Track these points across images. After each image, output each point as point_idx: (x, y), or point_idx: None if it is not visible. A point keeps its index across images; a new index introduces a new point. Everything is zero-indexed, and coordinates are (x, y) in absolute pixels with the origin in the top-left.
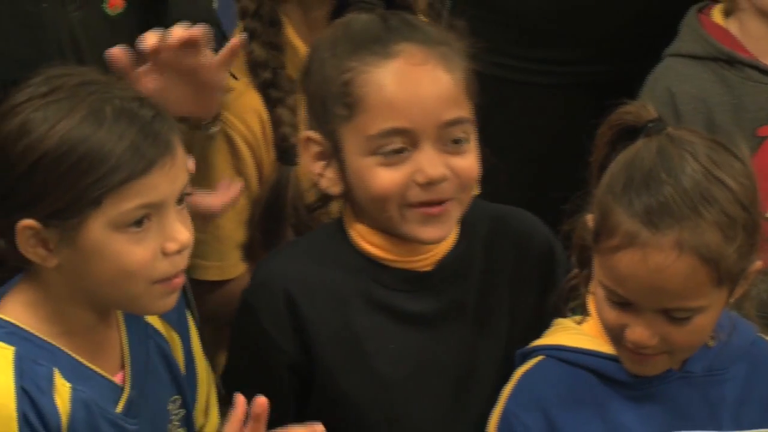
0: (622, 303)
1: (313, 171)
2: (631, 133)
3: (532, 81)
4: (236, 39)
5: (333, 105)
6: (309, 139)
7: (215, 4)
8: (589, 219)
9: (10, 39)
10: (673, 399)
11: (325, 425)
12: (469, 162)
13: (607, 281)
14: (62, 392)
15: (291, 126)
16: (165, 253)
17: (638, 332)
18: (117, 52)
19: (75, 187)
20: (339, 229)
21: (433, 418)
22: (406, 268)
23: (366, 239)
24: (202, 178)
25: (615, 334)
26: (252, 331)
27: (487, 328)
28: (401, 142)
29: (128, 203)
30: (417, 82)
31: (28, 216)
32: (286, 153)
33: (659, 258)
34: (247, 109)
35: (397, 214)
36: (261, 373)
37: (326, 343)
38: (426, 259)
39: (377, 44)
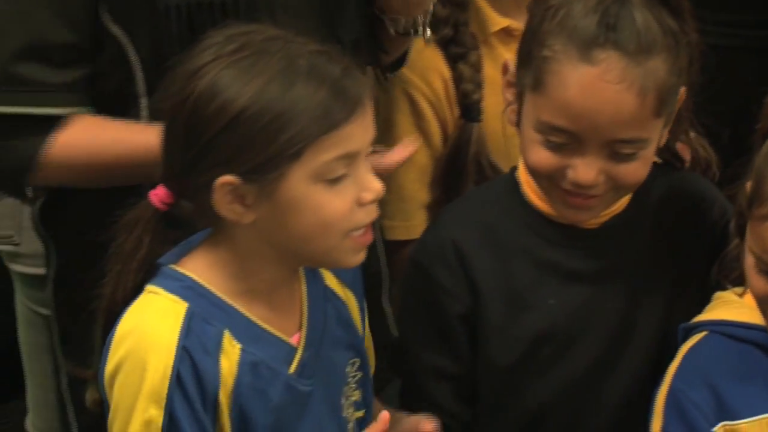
0: None
1: (504, 95)
2: None
3: (713, 43)
4: None
5: (528, 64)
6: (507, 66)
7: None
8: (747, 186)
9: None
10: None
11: (481, 373)
12: (631, 169)
13: (756, 249)
14: (231, 354)
15: (473, 83)
16: (360, 204)
17: None
18: None
19: (275, 141)
20: (512, 181)
21: (584, 374)
22: (571, 224)
23: (536, 193)
24: (384, 139)
25: (763, 304)
26: (425, 283)
27: (647, 293)
28: (565, 139)
29: (327, 155)
30: (600, 98)
31: (227, 172)
32: (468, 110)
33: None
34: (428, 67)
35: (546, 187)
36: (435, 326)
37: (491, 294)
38: (595, 220)
39: (586, 39)
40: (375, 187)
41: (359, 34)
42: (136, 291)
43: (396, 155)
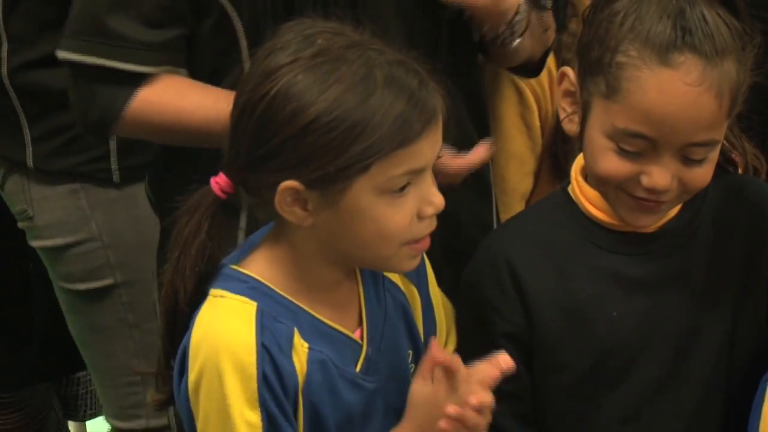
0: None
1: (560, 105)
2: None
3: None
4: None
5: (598, 71)
6: (566, 75)
7: None
8: None
9: None
10: None
11: (545, 394)
12: (701, 174)
13: None
14: (300, 352)
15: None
16: (421, 217)
17: None
18: None
19: (345, 153)
20: (565, 195)
21: (652, 386)
22: (629, 230)
23: (590, 201)
24: (491, 127)
25: None
26: (476, 304)
27: (712, 300)
28: (642, 146)
29: (396, 170)
30: (681, 102)
31: (292, 177)
32: None
33: None
34: None
35: (613, 195)
36: (485, 345)
37: (547, 311)
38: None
39: (663, 43)
40: (437, 201)
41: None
42: (195, 282)
43: (468, 160)
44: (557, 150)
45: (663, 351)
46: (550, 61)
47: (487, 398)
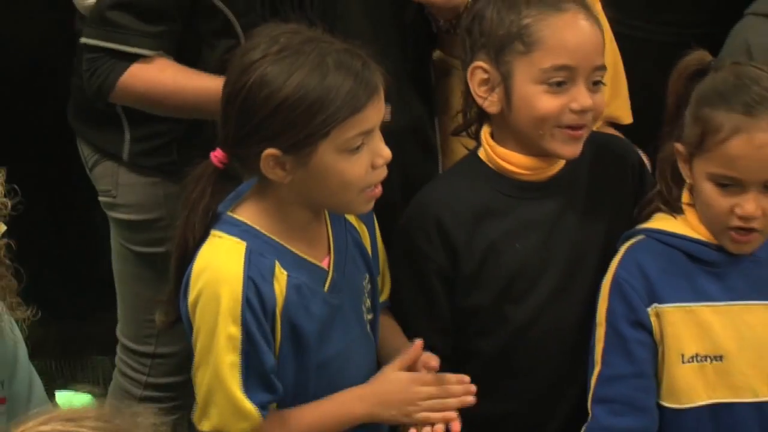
0: (731, 185)
1: (477, 94)
2: (698, 74)
3: (654, 39)
4: None
5: (510, 41)
6: (477, 68)
7: None
8: (677, 145)
9: None
10: (746, 276)
11: (465, 312)
12: (602, 99)
13: (718, 170)
14: (280, 279)
15: None
16: (373, 167)
17: (747, 206)
18: None
19: (310, 123)
20: (475, 157)
21: (548, 299)
22: (530, 179)
23: (501, 157)
24: (443, 114)
25: (724, 220)
26: (410, 246)
27: (591, 228)
28: (564, 77)
29: (350, 132)
30: (585, 32)
31: (271, 146)
32: None
33: (762, 136)
34: None
35: (548, 132)
36: (417, 280)
37: (467, 250)
38: (545, 173)
39: (551, 1)
40: (385, 153)
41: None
42: (202, 232)
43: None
44: None
45: (556, 272)
46: None
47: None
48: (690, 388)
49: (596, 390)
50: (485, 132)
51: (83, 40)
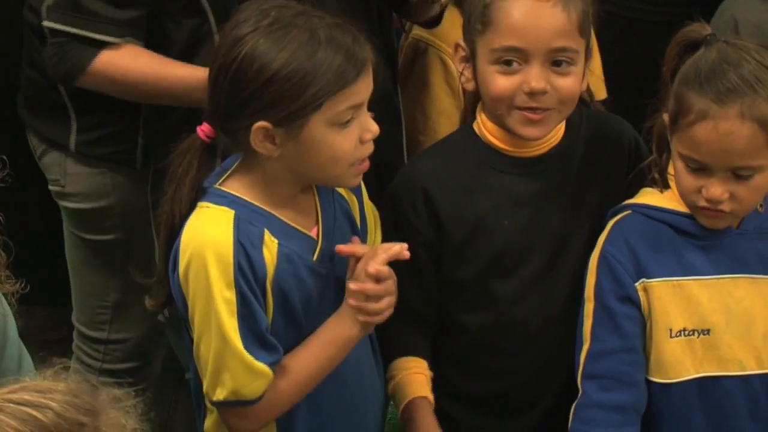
0: (699, 168)
1: (458, 70)
2: (693, 46)
3: (645, 18)
4: None
5: (474, 21)
6: (458, 45)
7: None
8: (665, 115)
9: None
10: (732, 249)
11: (451, 283)
12: (569, 82)
13: (685, 151)
14: (271, 247)
15: None
16: (362, 141)
17: (712, 190)
18: None
19: (301, 96)
20: (470, 130)
21: (535, 276)
22: (520, 155)
23: (490, 132)
24: (422, 92)
25: (693, 198)
26: (396, 216)
27: (582, 205)
28: (515, 57)
29: (340, 106)
30: (536, 14)
31: (262, 119)
32: None
33: (727, 125)
34: (452, 34)
35: (506, 113)
36: None
37: (454, 223)
38: (536, 150)
39: None
40: (373, 128)
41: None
42: (189, 206)
43: None
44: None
45: (543, 250)
46: None
47: (382, 268)
48: (678, 362)
49: (585, 366)
50: (480, 106)
51: (48, 24)
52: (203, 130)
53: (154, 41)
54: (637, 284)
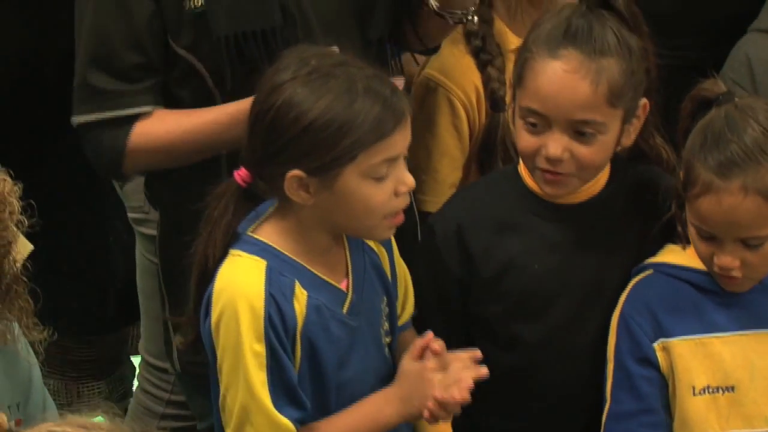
0: (709, 237)
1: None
2: (707, 104)
3: (663, 64)
4: None
5: (515, 69)
6: (509, 85)
7: None
8: (680, 173)
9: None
10: (754, 305)
11: (478, 320)
12: (590, 152)
13: (695, 221)
14: (300, 299)
15: (499, 82)
16: (397, 194)
17: (723, 259)
18: None
19: (336, 146)
20: (514, 170)
21: (562, 323)
22: (560, 201)
23: (530, 176)
24: (427, 131)
25: (708, 263)
26: (430, 251)
27: (615, 255)
28: (537, 120)
29: (376, 158)
30: (562, 84)
31: (297, 168)
32: (496, 103)
33: (730, 199)
34: (464, 77)
35: (530, 167)
36: (435, 282)
37: (486, 261)
38: (575, 198)
39: (552, 43)
40: (409, 181)
41: (383, 33)
42: (223, 250)
43: None
44: (485, 155)
45: (572, 297)
46: (478, 82)
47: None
48: (703, 419)
49: (606, 427)
50: None
51: (77, 120)
52: (240, 174)
53: (164, 102)
54: (655, 344)
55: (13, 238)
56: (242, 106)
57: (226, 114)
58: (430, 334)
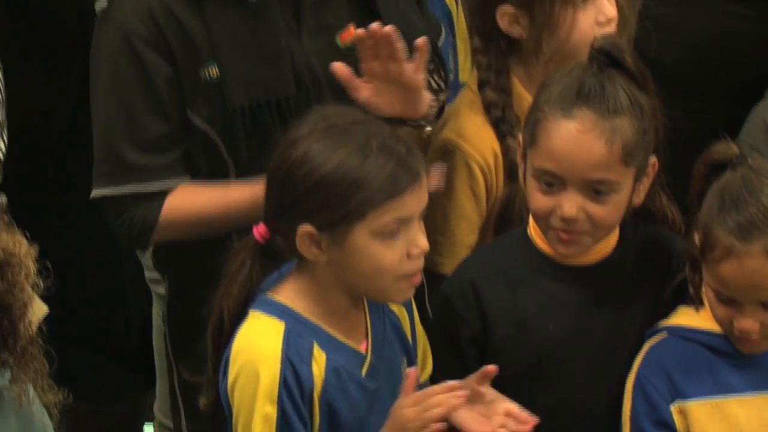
0: (728, 300)
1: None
2: (720, 167)
3: (684, 127)
4: (421, 40)
5: (526, 129)
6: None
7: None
8: (696, 237)
9: (255, 69)
10: None
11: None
12: (605, 211)
13: (714, 284)
14: (319, 361)
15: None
16: (409, 256)
17: (743, 323)
18: (339, 66)
19: (347, 203)
20: (524, 233)
21: (577, 385)
22: (571, 263)
23: (540, 238)
24: (445, 194)
25: (726, 327)
26: (446, 311)
27: (630, 316)
28: (551, 180)
29: (387, 217)
30: (576, 144)
31: (308, 223)
32: (514, 173)
33: (752, 263)
34: (483, 143)
35: (544, 228)
36: (450, 342)
37: (499, 320)
38: (586, 259)
39: (566, 103)
40: (422, 244)
41: None
42: (239, 307)
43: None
44: (502, 224)
45: (587, 359)
46: (496, 146)
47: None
48: None
49: None
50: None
51: (101, 193)
52: (258, 230)
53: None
54: (672, 407)
55: (29, 300)
56: None
57: (259, 190)
58: (411, 371)
